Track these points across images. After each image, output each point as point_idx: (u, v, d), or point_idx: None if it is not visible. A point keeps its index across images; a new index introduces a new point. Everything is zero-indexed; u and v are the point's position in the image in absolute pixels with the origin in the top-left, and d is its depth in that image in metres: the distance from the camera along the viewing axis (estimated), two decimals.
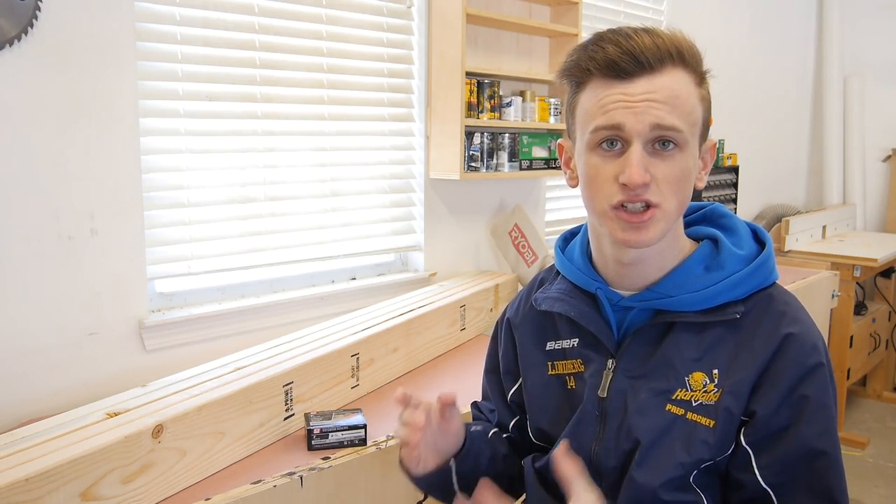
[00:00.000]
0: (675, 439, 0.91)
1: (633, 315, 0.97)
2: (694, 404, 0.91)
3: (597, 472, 0.96)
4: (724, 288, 0.92)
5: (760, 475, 0.89)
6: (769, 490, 0.88)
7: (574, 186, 0.96)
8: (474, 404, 1.23)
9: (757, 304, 0.93)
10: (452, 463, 1.03)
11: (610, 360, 0.97)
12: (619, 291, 0.98)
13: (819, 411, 0.88)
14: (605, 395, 0.96)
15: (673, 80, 0.87)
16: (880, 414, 4.01)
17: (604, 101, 0.87)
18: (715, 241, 0.97)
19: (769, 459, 0.89)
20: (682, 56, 0.88)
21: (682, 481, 0.91)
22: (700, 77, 0.90)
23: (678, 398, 0.91)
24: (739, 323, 0.92)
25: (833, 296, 3.20)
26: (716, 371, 0.91)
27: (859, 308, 3.96)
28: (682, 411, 0.91)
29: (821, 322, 3.12)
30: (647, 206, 0.87)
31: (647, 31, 0.88)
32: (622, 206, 0.88)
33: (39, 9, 1.59)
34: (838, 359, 3.60)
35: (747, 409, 0.90)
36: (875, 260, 3.57)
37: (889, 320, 4.22)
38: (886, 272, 4.14)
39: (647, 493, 0.90)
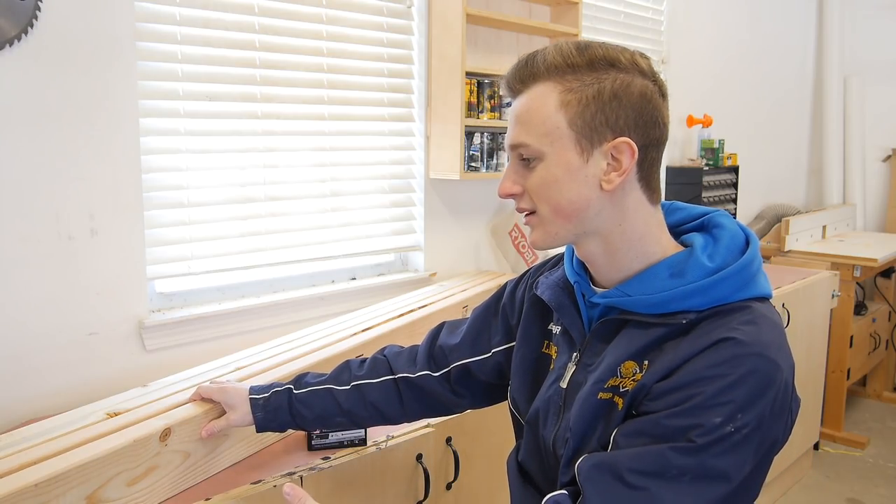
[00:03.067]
0: (599, 423, 0.92)
1: (599, 311, 1.00)
2: (621, 390, 0.91)
3: (556, 461, 0.99)
4: (678, 296, 0.90)
5: (615, 431, 0.87)
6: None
7: None
8: (435, 341, 1.25)
9: (712, 316, 0.89)
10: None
11: (575, 353, 1.01)
12: (594, 288, 1.01)
13: (700, 409, 0.81)
14: (566, 386, 1.00)
15: (531, 97, 0.93)
16: (880, 414, 4.02)
17: None
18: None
19: (630, 424, 0.86)
20: (549, 69, 0.92)
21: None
22: (574, 82, 0.91)
23: (609, 385, 0.93)
24: (686, 329, 0.90)
25: (833, 296, 3.21)
26: (646, 362, 0.90)
27: (859, 308, 3.96)
28: (609, 395, 0.92)
29: (821, 322, 3.12)
30: (529, 212, 0.97)
31: (530, 54, 0.94)
32: None
33: (39, 9, 1.58)
34: (838, 359, 3.60)
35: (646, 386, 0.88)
36: (875, 260, 3.57)
37: (889, 320, 4.22)
38: (886, 272, 4.14)
39: (566, 484, 0.93)
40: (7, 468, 1.05)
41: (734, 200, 3.85)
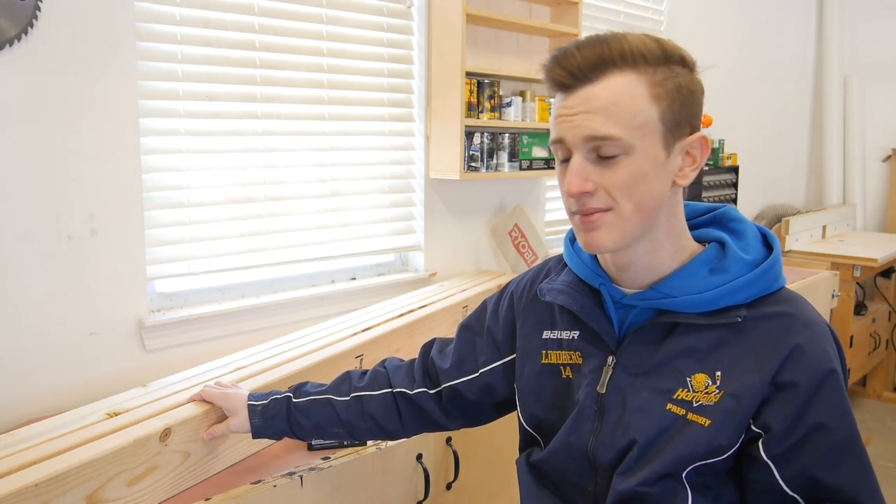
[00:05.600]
0: (672, 438, 0.91)
1: (636, 313, 0.98)
2: (695, 405, 0.91)
3: (593, 467, 0.98)
4: (727, 292, 0.92)
5: (786, 486, 0.89)
6: (796, 496, 0.89)
7: None
8: (428, 357, 1.24)
9: (762, 308, 0.92)
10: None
11: (610, 357, 0.98)
12: (621, 288, 0.99)
13: (840, 418, 0.88)
14: (604, 391, 0.97)
15: (613, 88, 0.88)
16: (880, 414, 4.01)
17: (554, 115, 0.93)
18: (722, 244, 0.97)
19: (792, 471, 0.89)
20: (627, 59, 0.88)
21: (668, 475, 0.91)
22: (659, 75, 0.89)
23: (679, 398, 0.92)
24: (742, 326, 0.92)
25: (833, 296, 3.20)
26: (718, 373, 0.91)
27: (859, 308, 3.96)
28: (682, 411, 0.91)
29: None
30: (602, 211, 0.91)
31: (593, 40, 0.89)
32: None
33: (39, 9, 1.58)
34: None
35: (759, 421, 0.89)
36: (875, 260, 3.57)
37: (889, 320, 4.22)
38: (886, 272, 4.14)
39: (629, 492, 0.92)
40: (7, 468, 1.05)
41: (734, 200, 3.85)
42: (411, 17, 2.45)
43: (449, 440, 1.59)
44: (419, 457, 1.50)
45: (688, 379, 0.92)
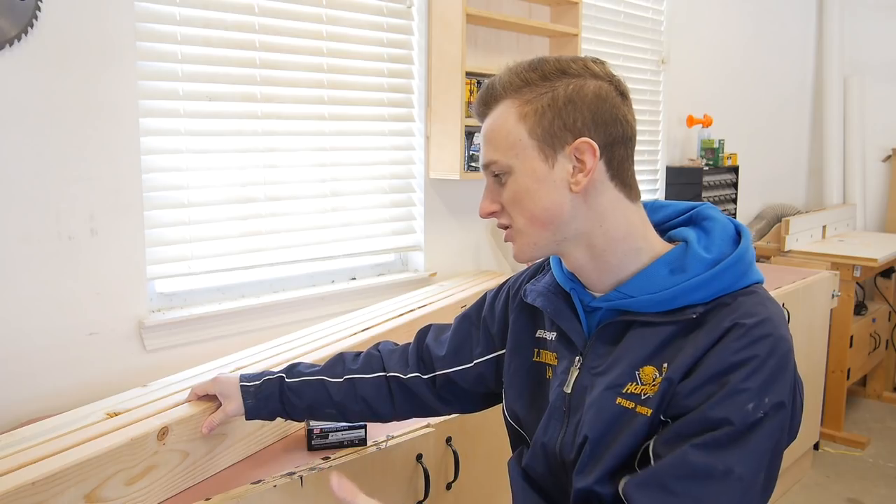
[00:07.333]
0: (621, 432, 0.92)
1: (601, 315, 1.00)
2: (643, 397, 0.91)
3: (562, 466, 0.99)
4: (683, 291, 0.92)
5: (652, 444, 0.87)
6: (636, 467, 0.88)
7: None
8: (423, 343, 1.25)
9: (719, 306, 0.91)
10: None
11: (577, 358, 1.00)
12: (591, 292, 1.01)
13: (732, 396, 0.84)
14: (570, 391, 1.00)
15: (492, 118, 0.97)
16: (880, 414, 4.01)
17: None
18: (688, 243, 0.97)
19: (667, 431, 0.87)
20: (502, 91, 0.96)
21: (622, 467, 0.91)
22: (528, 95, 0.94)
23: (628, 392, 0.92)
24: (697, 322, 0.91)
25: (833, 296, 3.21)
26: (665, 365, 0.91)
27: (859, 308, 3.96)
28: (632, 404, 0.92)
29: (821, 322, 3.12)
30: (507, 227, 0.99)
31: (491, 79, 0.98)
32: None
33: (39, 9, 1.58)
34: (838, 359, 3.60)
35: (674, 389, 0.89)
36: (875, 260, 3.56)
37: (889, 320, 4.22)
38: (886, 272, 4.14)
39: (585, 492, 0.93)
40: (6, 468, 1.05)
41: (734, 200, 3.85)
42: (411, 17, 2.45)
43: (449, 440, 1.59)
44: (419, 457, 1.50)
45: (636, 372, 0.93)
